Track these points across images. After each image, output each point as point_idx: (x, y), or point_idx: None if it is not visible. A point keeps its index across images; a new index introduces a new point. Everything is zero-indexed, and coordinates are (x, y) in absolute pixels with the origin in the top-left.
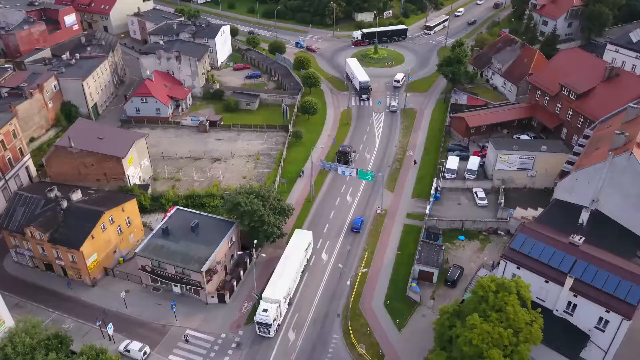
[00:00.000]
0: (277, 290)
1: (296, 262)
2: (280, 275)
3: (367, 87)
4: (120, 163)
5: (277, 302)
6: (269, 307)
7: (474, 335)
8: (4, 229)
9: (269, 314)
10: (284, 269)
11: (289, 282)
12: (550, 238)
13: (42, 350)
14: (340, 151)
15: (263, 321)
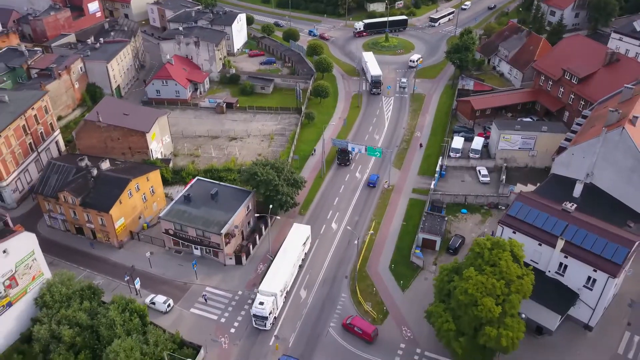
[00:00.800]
0: (273, 284)
1: (294, 256)
2: (278, 269)
3: (378, 80)
4: (144, 137)
5: (273, 295)
6: (265, 300)
7: (469, 285)
8: (39, 194)
9: (265, 307)
10: (281, 262)
11: (286, 275)
12: (545, 205)
13: (77, 299)
14: (340, 150)
15: (259, 314)
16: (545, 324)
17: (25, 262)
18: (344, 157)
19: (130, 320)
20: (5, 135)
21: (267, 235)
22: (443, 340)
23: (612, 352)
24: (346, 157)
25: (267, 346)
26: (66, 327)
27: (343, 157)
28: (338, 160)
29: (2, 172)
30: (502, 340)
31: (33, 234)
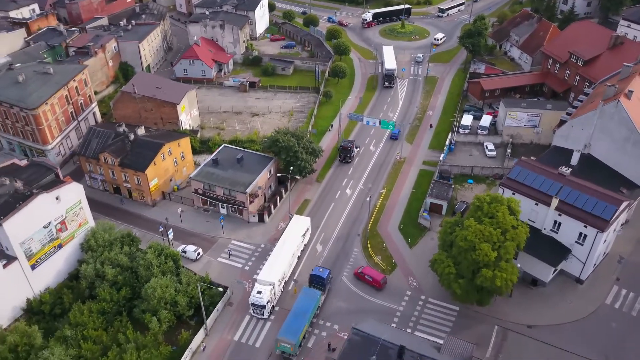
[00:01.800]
0: (272, 273)
1: (292, 247)
2: (276, 259)
3: (391, 74)
4: (175, 108)
5: (271, 285)
6: (263, 289)
7: (468, 233)
8: (82, 156)
9: (262, 296)
10: (280, 252)
11: (284, 265)
12: (542, 169)
13: (117, 244)
14: (342, 146)
15: (257, 303)
16: (539, 277)
17: (74, 210)
18: (346, 155)
19: (165, 263)
20: (51, 103)
21: (287, 197)
22: (444, 283)
23: (600, 302)
24: (348, 154)
25: (285, 290)
26: (109, 267)
27: (345, 154)
28: (340, 157)
29: (47, 137)
30: (496, 281)
31: (81, 185)
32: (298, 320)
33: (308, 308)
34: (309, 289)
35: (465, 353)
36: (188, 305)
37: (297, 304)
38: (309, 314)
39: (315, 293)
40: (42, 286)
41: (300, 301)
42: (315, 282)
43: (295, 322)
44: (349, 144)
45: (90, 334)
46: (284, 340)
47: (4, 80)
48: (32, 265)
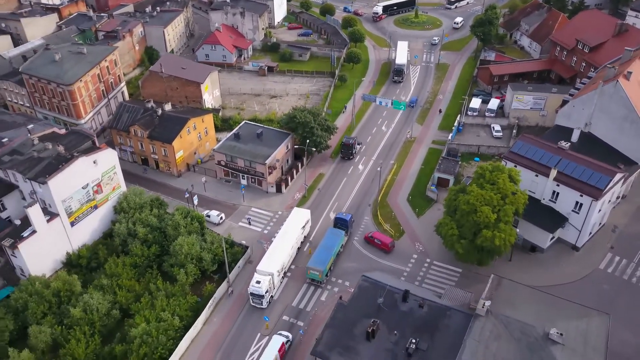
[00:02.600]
0: (271, 264)
1: (292, 239)
2: (276, 250)
3: (400, 69)
4: (199, 88)
5: (270, 275)
6: (262, 279)
7: (471, 197)
8: (113, 129)
9: (261, 286)
10: (279, 244)
11: (283, 256)
12: (542, 144)
13: (147, 207)
14: (344, 143)
15: (256, 292)
16: (538, 243)
17: (109, 174)
18: (348, 151)
19: (191, 224)
20: (84, 81)
21: (303, 170)
22: (448, 244)
23: (594, 267)
24: (350, 151)
25: (301, 250)
26: (140, 226)
27: (347, 151)
28: (342, 153)
29: (81, 111)
30: (495, 240)
31: (115, 151)
32: (325, 253)
33: (333, 244)
34: (334, 229)
35: (464, 300)
36: (212, 262)
37: (324, 241)
38: (334, 249)
39: (339, 232)
40: (80, 242)
41: (327, 238)
42: (340, 224)
43: (323, 255)
44: (350, 140)
45: (124, 283)
46: (313, 269)
47: (42, 59)
48: (71, 222)
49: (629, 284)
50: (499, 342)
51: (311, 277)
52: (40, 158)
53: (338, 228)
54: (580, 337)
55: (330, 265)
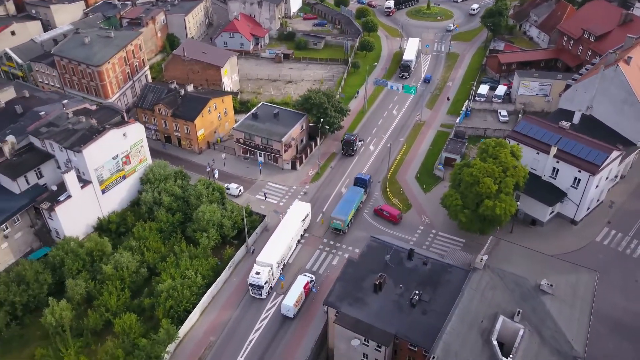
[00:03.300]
0: (271, 256)
1: (292, 232)
2: (276, 242)
3: (406, 65)
4: (219, 71)
5: (269, 266)
6: (261, 270)
7: (474, 169)
8: (139, 108)
9: (260, 277)
10: (279, 236)
11: (283, 249)
12: (544, 123)
13: (171, 178)
14: (345, 140)
15: (255, 283)
16: (538, 217)
17: (136, 147)
18: (349, 148)
19: (213, 194)
20: (112, 62)
21: (317, 150)
22: (452, 214)
23: (591, 240)
24: (350, 147)
25: (314, 220)
26: (165, 195)
27: (347, 147)
28: (343, 150)
29: (109, 91)
30: (496, 209)
31: (142, 126)
32: (347, 205)
33: (354, 199)
34: (355, 187)
35: (465, 260)
36: (232, 228)
37: (346, 195)
38: (355, 203)
39: (359, 189)
40: (109, 209)
41: (348, 194)
42: (360, 183)
43: (345, 207)
44: (352, 137)
45: (151, 245)
46: (337, 218)
47: (73, 42)
48: (102, 190)
49: (623, 255)
50: (494, 291)
51: (334, 227)
52: (74, 130)
53: (358, 186)
54: (570, 289)
55: (351, 217)
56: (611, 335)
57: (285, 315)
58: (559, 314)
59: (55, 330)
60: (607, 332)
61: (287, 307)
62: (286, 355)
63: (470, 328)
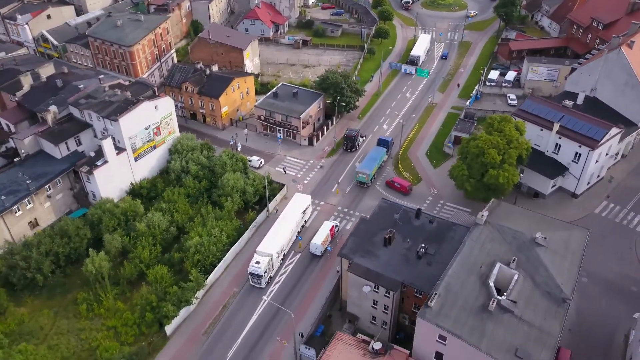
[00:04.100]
0: (271, 246)
1: (292, 223)
2: (276, 233)
3: (413, 60)
4: (241, 54)
5: (269, 256)
6: (261, 259)
7: (480, 141)
8: (167, 86)
9: (260, 266)
10: (279, 227)
11: (283, 239)
12: (548, 102)
13: (198, 149)
14: (346, 135)
15: (255, 272)
16: (540, 190)
17: (166, 119)
18: (350, 144)
19: (236, 164)
20: (142, 44)
21: (333, 128)
22: (458, 183)
23: (590, 211)
24: (352, 143)
25: (329, 191)
26: (192, 164)
27: (349, 143)
28: (344, 146)
29: (139, 71)
30: (500, 178)
31: (172, 100)
32: (371, 162)
33: (377, 157)
34: (378, 147)
35: (469, 221)
36: (253, 194)
37: (370, 154)
38: (378, 161)
39: (382, 149)
40: (141, 176)
41: (372, 152)
42: (382, 143)
43: (369, 163)
44: (353, 132)
45: (180, 208)
46: (362, 172)
47: (106, 24)
48: (135, 158)
49: (620, 225)
50: (492, 243)
51: (359, 180)
52: (111, 101)
53: (381, 146)
54: (562, 243)
55: (374, 173)
56: (604, 294)
57: (314, 253)
58: (551, 263)
59: (95, 278)
60: (600, 291)
61: (315, 246)
62: (303, 306)
63: (469, 273)
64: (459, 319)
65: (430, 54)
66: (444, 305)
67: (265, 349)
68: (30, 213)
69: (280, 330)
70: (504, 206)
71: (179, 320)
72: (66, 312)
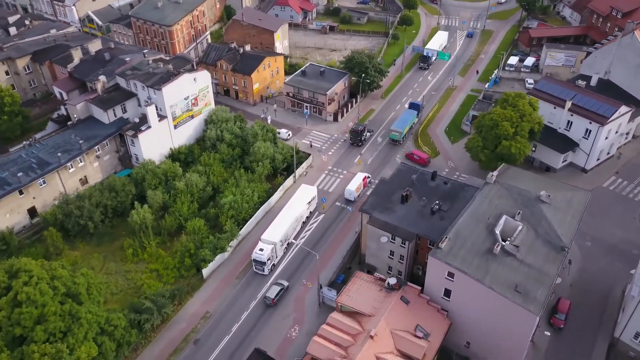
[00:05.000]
0: (275, 234)
1: (297, 213)
2: (280, 222)
3: (427, 56)
4: (272, 36)
5: (273, 244)
6: (264, 247)
7: (494, 115)
8: (203, 63)
9: (263, 254)
10: (284, 217)
11: (286, 228)
12: (562, 82)
13: (231, 120)
14: (353, 130)
15: (258, 259)
16: (551, 164)
17: (203, 92)
18: (356, 138)
19: (266, 134)
20: (180, 24)
21: (357, 106)
22: (473, 154)
23: (597, 185)
24: (358, 137)
25: (352, 161)
26: (227, 133)
27: (355, 137)
28: (351, 140)
29: (177, 50)
30: (512, 149)
31: (209, 74)
32: (403, 122)
33: (408, 118)
34: (409, 110)
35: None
36: (282, 161)
37: (402, 116)
38: (409, 122)
39: (413, 112)
40: (179, 143)
41: (404, 114)
42: (413, 107)
43: (401, 123)
44: (360, 127)
45: (215, 170)
46: (395, 130)
47: (147, 6)
48: (175, 125)
49: (626, 198)
50: (500, 199)
51: (392, 138)
52: (154, 73)
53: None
54: (565, 201)
55: (405, 132)
56: (606, 256)
57: (348, 198)
58: (553, 218)
59: (139, 227)
60: (602, 253)
61: (349, 192)
62: (325, 258)
63: (478, 222)
64: (466, 259)
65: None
66: (453, 248)
67: (292, 292)
68: (82, 171)
69: (306, 275)
70: (513, 170)
71: (214, 265)
72: (114, 256)
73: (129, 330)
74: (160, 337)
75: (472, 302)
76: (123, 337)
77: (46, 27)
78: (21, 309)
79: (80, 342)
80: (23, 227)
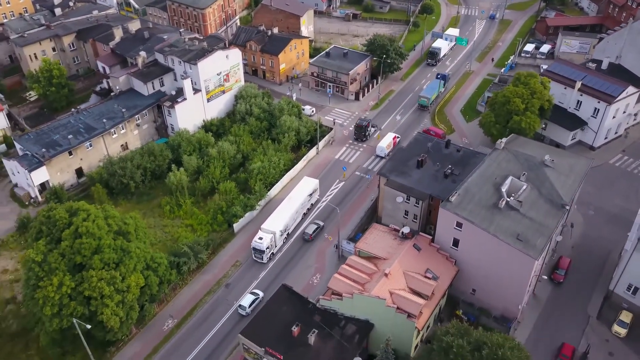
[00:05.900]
0: (275, 224)
1: (297, 204)
2: (281, 212)
3: (435, 52)
4: (298, 20)
5: (272, 234)
6: (264, 236)
7: (506, 92)
8: (233, 44)
9: (262, 242)
10: (285, 207)
11: (287, 219)
12: (573, 64)
13: (260, 96)
14: (357, 125)
15: (257, 247)
16: (561, 141)
17: (234, 69)
18: (360, 133)
19: (292, 109)
20: (213, 7)
21: (377, 87)
22: (486, 129)
23: (605, 161)
24: (362, 132)
25: (372, 136)
26: (255, 107)
27: (360, 132)
28: (355, 135)
29: (209, 31)
30: (522, 123)
31: (240, 52)
32: (431, 90)
33: (436, 87)
34: (436, 79)
35: None
36: (306, 134)
37: (430, 84)
38: (436, 90)
39: (440, 81)
40: (212, 115)
41: (432, 83)
42: (440, 77)
43: (429, 91)
44: (364, 122)
45: (244, 140)
46: (423, 96)
47: None
48: (208, 99)
49: (631, 173)
50: (507, 163)
51: (420, 103)
52: (190, 50)
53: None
54: (567, 166)
55: (433, 98)
56: (607, 224)
57: (379, 155)
58: (555, 180)
59: (175, 188)
60: (604, 221)
61: (380, 149)
62: (345, 219)
63: (486, 181)
64: (473, 211)
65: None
66: (462, 201)
67: (315, 244)
68: (123, 137)
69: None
70: (521, 139)
71: (244, 221)
72: (152, 213)
73: (169, 270)
74: (195, 279)
75: (478, 250)
76: (164, 275)
77: (88, 8)
78: (82, 240)
79: (130, 272)
80: (71, 185)
